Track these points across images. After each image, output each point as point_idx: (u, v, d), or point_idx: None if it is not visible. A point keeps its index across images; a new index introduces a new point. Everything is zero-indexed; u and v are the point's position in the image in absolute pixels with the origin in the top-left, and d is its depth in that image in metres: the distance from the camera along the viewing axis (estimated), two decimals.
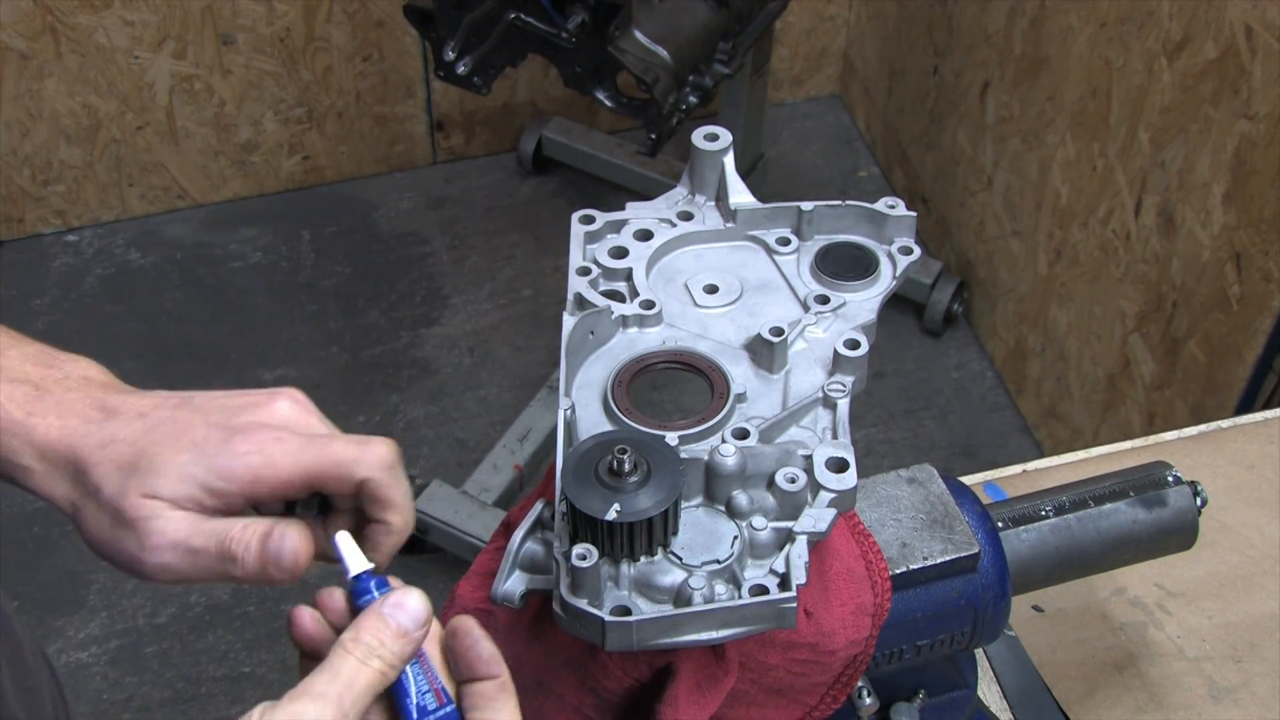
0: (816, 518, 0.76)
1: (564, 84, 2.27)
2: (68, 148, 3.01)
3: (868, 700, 0.96)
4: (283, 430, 0.78)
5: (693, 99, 2.31)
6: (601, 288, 0.89)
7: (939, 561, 0.94)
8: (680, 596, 0.74)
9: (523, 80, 3.25)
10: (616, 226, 0.92)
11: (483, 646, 0.73)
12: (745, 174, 2.54)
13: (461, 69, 2.27)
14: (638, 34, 2.20)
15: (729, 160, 0.93)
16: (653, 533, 0.74)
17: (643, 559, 0.75)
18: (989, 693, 1.20)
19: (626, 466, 0.73)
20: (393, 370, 2.90)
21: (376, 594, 0.73)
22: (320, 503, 0.81)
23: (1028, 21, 2.54)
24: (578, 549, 0.72)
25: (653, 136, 2.26)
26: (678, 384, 0.86)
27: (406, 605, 0.72)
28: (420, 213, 3.23)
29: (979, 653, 1.14)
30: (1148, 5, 2.16)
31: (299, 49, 3.03)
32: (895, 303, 3.12)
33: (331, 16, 3.00)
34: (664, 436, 0.78)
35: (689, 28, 2.27)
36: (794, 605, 0.72)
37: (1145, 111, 2.22)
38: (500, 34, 2.21)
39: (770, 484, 0.78)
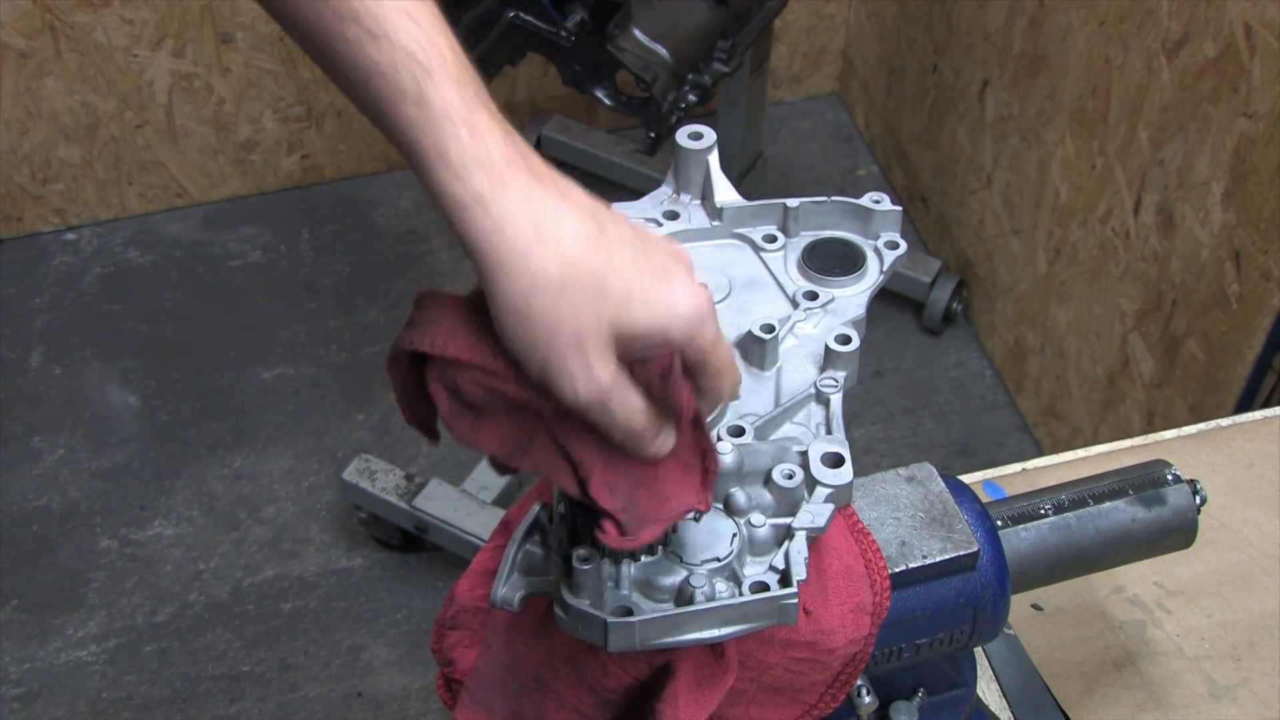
0: (814, 513, 0.76)
1: (563, 82, 2.27)
2: (66, 146, 3.01)
3: (867, 699, 0.96)
4: None
5: (692, 97, 2.30)
6: None
7: (938, 560, 0.94)
8: (681, 595, 0.74)
9: (522, 78, 3.24)
10: None
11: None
12: (744, 173, 2.55)
13: None
14: (637, 32, 2.20)
15: (714, 158, 0.93)
16: None
17: (643, 558, 0.75)
18: (988, 691, 1.20)
19: None
20: None
21: None
22: None
23: (1027, 20, 2.53)
24: (578, 550, 0.72)
25: (652, 135, 2.26)
26: None
27: None
28: (419, 211, 3.22)
29: (978, 651, 1.13)
30: (1147, 4, 2.16)
31: (298, 47, 3.03)
32: (894, 301, 3.13)
33: None
34: None
35: (688, 26, 2.27)
36: (795, 601, 0.72)
37: (1144, 110, 2.22)
38: (499, 32, 2.21)
39: (767, 481, 0.78)
